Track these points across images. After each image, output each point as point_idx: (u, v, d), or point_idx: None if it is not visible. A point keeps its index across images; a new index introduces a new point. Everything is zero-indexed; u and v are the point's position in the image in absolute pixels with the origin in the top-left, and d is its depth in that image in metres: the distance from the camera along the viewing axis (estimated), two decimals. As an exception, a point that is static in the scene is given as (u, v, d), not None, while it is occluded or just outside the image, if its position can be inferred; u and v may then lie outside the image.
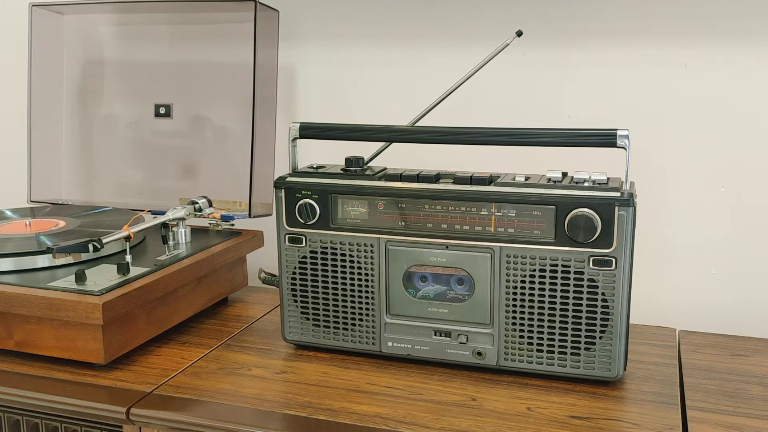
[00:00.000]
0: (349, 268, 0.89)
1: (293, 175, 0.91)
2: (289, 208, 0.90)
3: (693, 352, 0.95)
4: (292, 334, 0.94)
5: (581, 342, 0.82)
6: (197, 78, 1.22)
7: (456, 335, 0.87)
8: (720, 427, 0.76)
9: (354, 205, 0.88)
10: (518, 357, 0.85)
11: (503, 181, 0.85)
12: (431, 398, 0.82)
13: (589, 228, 0.79)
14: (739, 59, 1.02)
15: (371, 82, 1.20)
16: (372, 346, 0.91)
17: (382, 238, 0.87)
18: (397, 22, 1.17)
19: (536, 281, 0.83)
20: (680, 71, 1.05)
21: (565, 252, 0.81)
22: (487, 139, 0.86)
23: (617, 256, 0.79)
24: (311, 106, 1.25)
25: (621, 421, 0.77)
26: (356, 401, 0.81)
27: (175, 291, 0.98)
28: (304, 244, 0.91)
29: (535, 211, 0.82)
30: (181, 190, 1.23)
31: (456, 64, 1.11)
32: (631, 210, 0.79)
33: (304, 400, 0.81)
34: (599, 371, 0.83)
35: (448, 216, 0.85)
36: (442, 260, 0.86)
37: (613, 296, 0.80)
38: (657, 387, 0.84)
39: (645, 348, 0.95)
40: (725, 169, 1.06)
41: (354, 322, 0.91)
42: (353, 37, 1.20)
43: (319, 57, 1.23)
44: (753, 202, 1.05)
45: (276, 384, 0.86)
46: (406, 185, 0.87)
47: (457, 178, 0.86)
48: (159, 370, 0.89)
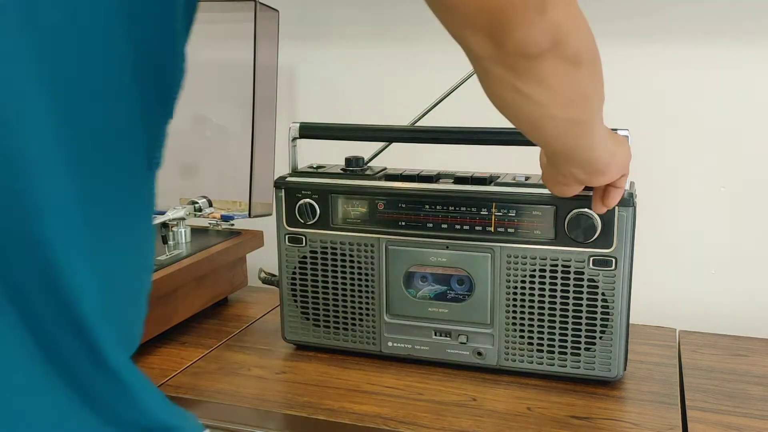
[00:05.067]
0: (349, 268, 0.89)
1: (293, 175, 0.91)
2: (289, 208, 0.90)
3: (693, 352, 0.95)
4: (292, 334, 0.94)
5: (581, 342, 0.82)
6: (197, 78, 1.22)
7: (456, 335, 0.87)
8: (720, 427, 0.76)
9: (354, 205, 0.88)
10: (518, 357, 0.85)
11: (503, 181, 0.85)
12: (431, 398, 0.82)
13: (589, 228, 0.79)
14: (740, 59, 1.02)
15: (371, 82, 1.20)
16: (372, 346, 0.91)
17: (382, 238, 0.87)
18: (397, 22, 1.17)
19: (536, 281, 0.83)
20: (681, 71, 1.05)
21: (565, 252, 0.81)
22: (487, 139, 0.86)
23: (617, 256, 0.79)
24: (311, 106, 1.25)
25: (621, 421, 0.77)
26: (356, 401, 0.81)
27: (175, 291, 0.98)
28: (304, 244, 0.91)
29: (535, 211, 0.82)
30: (181, 189, 1.23)
31: (456, 64, 1.11)
32: (631, 210, 0.79)
33: (304, 400, 0.81)
34: (599, 371, 0.83)
35: (448, 216, 0.85)
36: (442, 260, 0.86)
37: (613, 296, 0.80)
38: (657, 387, 0.84)
39: (645, 348, 0.95)
40: (725, 169, 1.06)
41: (354, 322, 0.91)
42: (353, 38, 1.20)
43: (319, 57, 1.23)
44: (753, 202, 1.05)
45: (276, 384, 0.86)
46: (406, 185, 0.87)
47: (457, 178, 0.86)
48: (158, 370, 0.89)
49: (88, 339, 0.41)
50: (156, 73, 0.45)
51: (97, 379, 0.42)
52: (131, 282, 0.47)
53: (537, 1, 0.46)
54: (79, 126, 0.40)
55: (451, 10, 0.47)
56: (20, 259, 0.39)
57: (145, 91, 0.44)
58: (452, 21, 0.48)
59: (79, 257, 0.41)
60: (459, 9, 0.46)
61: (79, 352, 0.41)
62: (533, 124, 0.56)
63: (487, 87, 0.53)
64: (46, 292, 0.40)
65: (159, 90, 0.46)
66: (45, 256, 0.39)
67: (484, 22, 0.46)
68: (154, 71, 0.44)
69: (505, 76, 0.50)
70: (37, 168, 0.38)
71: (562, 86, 0.52)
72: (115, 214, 0.44)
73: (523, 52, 0.48)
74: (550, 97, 0.52)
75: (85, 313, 0.41)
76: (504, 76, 0.50)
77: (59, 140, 0.39)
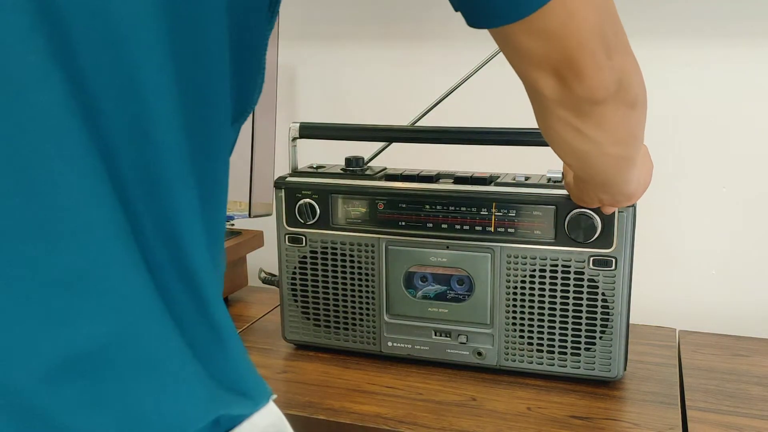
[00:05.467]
0: (349, 268, 0.89)
1: (293, 175, 0.91)
2: (289, 208, 0.90)
3: (693, 352, 0.95)
4: (293, 334, 0.94)
5: (581, 342, 0.82)
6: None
7: (456, 335, 0.87)
8: (720, 427, 0.76)
9: (354, 205, 0.88)
10: (518, 357, 0.85)
11: (503, 181, 0.85)
12: (431, 398, 0.82)
13: (589, 228, 0.79)
14: (741, 59, 1.02)
15: (371, 82, 1.20)
16: (372, 346, 0.91)
17: (382, 238, 0.87)
18: (398, 22, 1.17)
19: (536, 281, 0.83)
20: (681, 71, 1.05)
21: (565, 252, 0.81)
22: (487, 139, 0.86)
23: (617, 256, 0.79)
24: (311, 106, 1.25)
25: (621, 421, 0.77)
26: (357, 401, 0.81)
27: (175, 291, 0.98)
28: (304, 244, 0.91)
29: (535, 211, 0.82)
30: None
31: (456, 64, 1.11)
32: (631, 210, 0.79)
33: (304, 400, 0.81)
34: (599, 371, 0.83)
35: (448, 216, 0.85)
36: (442, 260, 0.86)
37: (613, 296, 0.80)
38: (657, 387, 0.84)
39: (645, 348, 0.95)
40: (726, 170, 1.06)
41: (354, 322, 0.91)
42: (353, 37, 1.20)
43: (319, 57, 1.23)
44: (754, 202, 1.05)
45: (276, 384, 0.86)
46: (406, 185, 0.87)
47: (457, 178, 0.86)
48: (159, 370, 0.89)
49: (199, 292, 0.43)
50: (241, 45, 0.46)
51: (203, 333, 0.43)
52: (221, 241, 0.49)
53: (605, 47, 0.47)
54: (187, 64, 0.41)
55: (524, 54, 0.48)
56: (145, 206, 0.40)
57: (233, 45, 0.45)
58: (523, 63, 0.49)
59: (194, 212, 0.42)
60: (532, 53, 0.47)
61: (190, 305, 0.43)
62: (583, 160, 0.58)
63: (544, 122, 0.54)
64: (165, 239, 0.41)
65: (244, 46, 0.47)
66: (167, 205, 0.41)
67: (555, 66, 0.48)
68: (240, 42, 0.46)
69: (567, 117, 0.52)
70: (155, 100, 0.40)
71: (618, 127, 0.54)
72: (216, 171, 0.46)
73: (591, 97, 0.50)
74: (606, 137, 0.54)
75: (197, 265, 0.42)
76: (566, 117, 0.52)
77: (171, 71, 0.40)
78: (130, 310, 0.39)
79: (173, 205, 0.41)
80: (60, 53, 0.36)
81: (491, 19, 0.46)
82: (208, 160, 0.44)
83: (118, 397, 0.38)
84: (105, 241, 0.38)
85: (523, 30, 0.46)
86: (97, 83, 0.38)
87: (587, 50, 0.47)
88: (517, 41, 0.47)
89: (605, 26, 0.47)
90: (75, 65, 0.37)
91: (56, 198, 0.37)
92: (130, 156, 0.39)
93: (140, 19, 0.38)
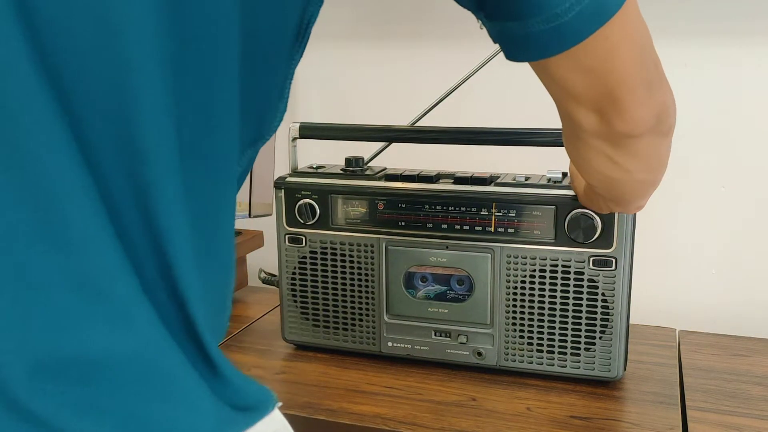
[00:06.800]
0: (349, 268, 0.89)
1: (293, 175, 0.91)
2: (289, 208, 0.90)
3: (693, 352, 0.95)
4: (292, 334, 0.94)
5: (581, 342, 0.82)
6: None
7: (456, 335, 0.87)
8: (720, 427, 0.76)
9: (354, 205, 0.88)
10: (518, 357, 0.85)
11: (503, 181, 0.85)
12: (431, 398, 0.82)
13: (589, 228, 0.79)
14: (740, 59, 1.02)
15: (371, 82, 1.20)
16: (372, 347, 0.91)
17: (382, 238, 0.87)
18: (397, 22, 1.17)
19: (536, 281, 0.83)
20: (680, 71, 1.05)
21: (565, 252, 0.81)
22: (487, 139, 0.86)
23: (617, 257, 0.79)
24: (311, 106, 1.25)
25: (621, 421, 0.77)
26: (356, 401, 0.81)
27: (175, 291, 0.98)
28: (304, 244, 0.91)
29: (535, 211, 0.82)
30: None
31: (456, 64, 1.11)
32: (631, 210, 0.79)
33: (303, 401, 0.81)
34: (599, 371, 0.83)
35: (448, 216, 0.85)
36: (442, 260, 0.86)
37: (613, 296, 0.80)
38: (657, 387, 0.84)
39: (645, 348, 0.95)
40: (725, 169, 1.06)
41: (354, 322, 0.91)
42: (353, 37, 1.20)
43: (319, 57, 1.23)
44: (753, 202, 1.05)
45: (275, 384, 0.86)
46: (406, 185, 0.87)
47: (457, 178, 0.86)
48: (159, 370, 0.89)
49: (186, 311, 0.41)
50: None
51: (194, 352, 0.42)
52: (222, 275, 0.47)
53: (646, 83, 0.47)
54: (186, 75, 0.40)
55: (564, 88, 0.48)
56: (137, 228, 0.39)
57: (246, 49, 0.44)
58: (564, 97, 0.49)
59: (184, 237, 0.41)
60: (573, 87, 0.47)
61: (178, 323, 0.41)
62: (612, 185, 0.59)
63: (575, 149, 0.55)
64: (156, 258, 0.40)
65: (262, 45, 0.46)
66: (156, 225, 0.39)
67: (596, 102, 0.47)
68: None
69: (602, 147, 0.52)
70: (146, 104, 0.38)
71: (651, 156, 0.55)
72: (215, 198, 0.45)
73: (630, 132, 0.50)
74: (638, 165, 0.55)
75: (185, 285, 0.41)
76: (603, 148, 0.52)
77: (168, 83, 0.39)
78: (132, 319, 0.39)
79: (163, 223, 0.40)
80: (47, 72, 0.36)
81: (531, 53, 0.46)
82: (207, 186, 0.43)
83: (119, 405, 0.38)
84: (102, 249, 0.38)
85: (563, 64, 0.46)
86: (86, 102, 0.37)
87: (628, 87, 0.46)
88: (557, 75, 0.47)
89: (646, 61, 0.47)
90: (63, 86, 0.36)
91: (50, 204, 0.36)
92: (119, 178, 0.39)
93: (142, 35, 0.37)
